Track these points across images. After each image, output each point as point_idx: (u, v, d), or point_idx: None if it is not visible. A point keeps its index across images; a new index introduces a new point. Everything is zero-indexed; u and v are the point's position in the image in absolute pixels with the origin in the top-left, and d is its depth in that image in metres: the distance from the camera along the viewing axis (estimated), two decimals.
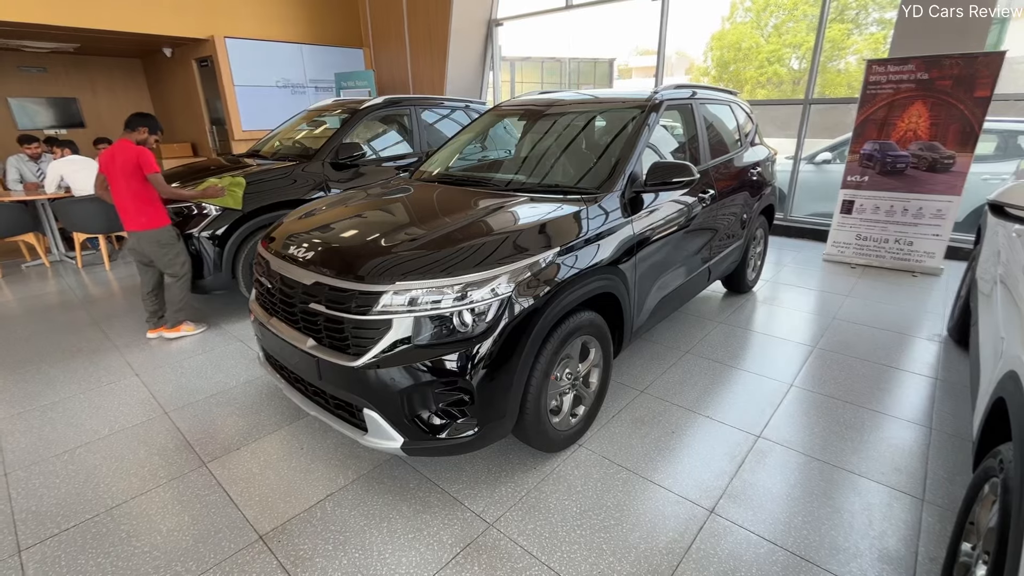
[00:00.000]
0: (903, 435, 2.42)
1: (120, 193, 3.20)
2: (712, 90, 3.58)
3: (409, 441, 1.88)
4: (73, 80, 9.60)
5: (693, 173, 2.40)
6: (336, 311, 1.88)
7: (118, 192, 3.20)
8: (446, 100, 5.22)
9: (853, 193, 4.85)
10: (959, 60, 4.10)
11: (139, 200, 3.21)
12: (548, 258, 1.99)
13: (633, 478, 2.16)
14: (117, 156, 3.14)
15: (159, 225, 3.30)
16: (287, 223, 2.46)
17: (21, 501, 2.08)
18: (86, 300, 4.40)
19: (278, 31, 8.28)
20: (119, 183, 3.18)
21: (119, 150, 3.14)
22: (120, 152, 3.13)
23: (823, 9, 5.45)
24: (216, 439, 2.45)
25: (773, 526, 1.90)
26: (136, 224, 3.24)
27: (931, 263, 4.62)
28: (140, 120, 3.25)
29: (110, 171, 3.18)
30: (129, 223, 3.25)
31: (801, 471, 2.19)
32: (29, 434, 2.52)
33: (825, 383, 2.88)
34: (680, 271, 2.94)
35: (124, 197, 3.20)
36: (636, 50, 23.04)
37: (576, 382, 2.29)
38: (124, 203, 3.22)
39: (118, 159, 3.13)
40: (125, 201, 3.21)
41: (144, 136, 3.27)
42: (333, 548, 1.83)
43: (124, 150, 3.14)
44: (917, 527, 1.89)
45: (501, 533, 1.89)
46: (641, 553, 1.79)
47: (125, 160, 3.12)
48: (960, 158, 4.29)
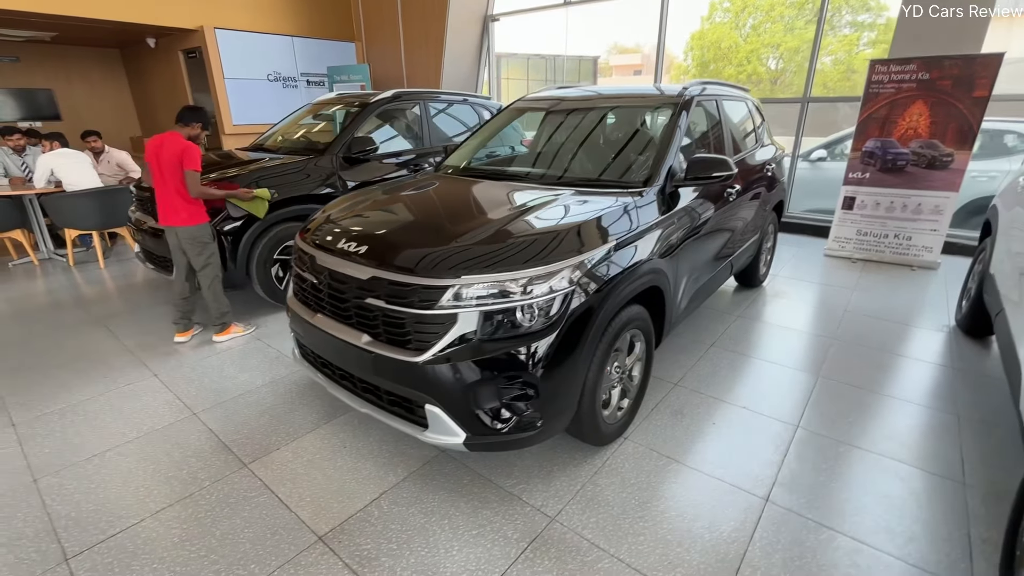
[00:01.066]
0: (932, 422, 2.51)
1: (163, 186, 3.05)
2: (730, 87, 3.64)
3: (472, 436, 1.86)
4: (48, 70, 9.19)
5: (731, 168, 2.43)
6: (397, 306, 1.85)
7: (161, 183, 3.05)
8: (454, 94, 5.17)
9: (854, 189, 4.99)
10: (959, 61, 4.25)
11: (183, 195, 3.07)
12: (607, 251, 1.99)
13: (684, 469, 2.19)
14: (165, 148, 2.99)
15: (200, 222, 3.17)
16: (328, 217, 2.40)
17: (57, 507, 1.99)
18: (83, 299, 4.22)
19: (269, 23, 8.07)
20: (162, 176, 3.03)
21: (168, 142, 3.00)
22: (169, 144, 3.00)
23: (822, 10, 5.57)
24: (253, 440, 2.38)
25: (828, 512, 1.95)
26: (178, 219, 3.10)
27: (929, 257, 4.78)
28: (193, 115, 3.13)
29: (154, 161, 3.03)
30: (171, 218, 3.10)
31: (844, 459, 2.25)
32: (51, 438, 2.41)
33: (849, 373, 2.96)
34: (710, 264, 2.99)
35: (168, 191, 3.05)
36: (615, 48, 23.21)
37: (623, 375, 2.30)
38: (167, 197, 3.07)
39: (165, 151, 2.99)
40: (168, 195, 3.06)
41: (197, 131, 3.15)
42: (397, 547, 1.81)
43: (173, 143, 3.00)
44: (964, 510, 1.96)
45: (565, 527, 1.89)
46: (707, 543, 1.82)
47: (172, 153, 2.99)
48: (959, 156, 4.46)
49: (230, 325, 3.44)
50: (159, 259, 3.84)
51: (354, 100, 4.59)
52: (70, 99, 9.51)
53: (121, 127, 10.05)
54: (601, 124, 3.04)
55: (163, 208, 3.12)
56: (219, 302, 3.35)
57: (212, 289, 3.31)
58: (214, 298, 3.33)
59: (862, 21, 16.11)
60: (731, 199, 3.07)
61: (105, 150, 5.56)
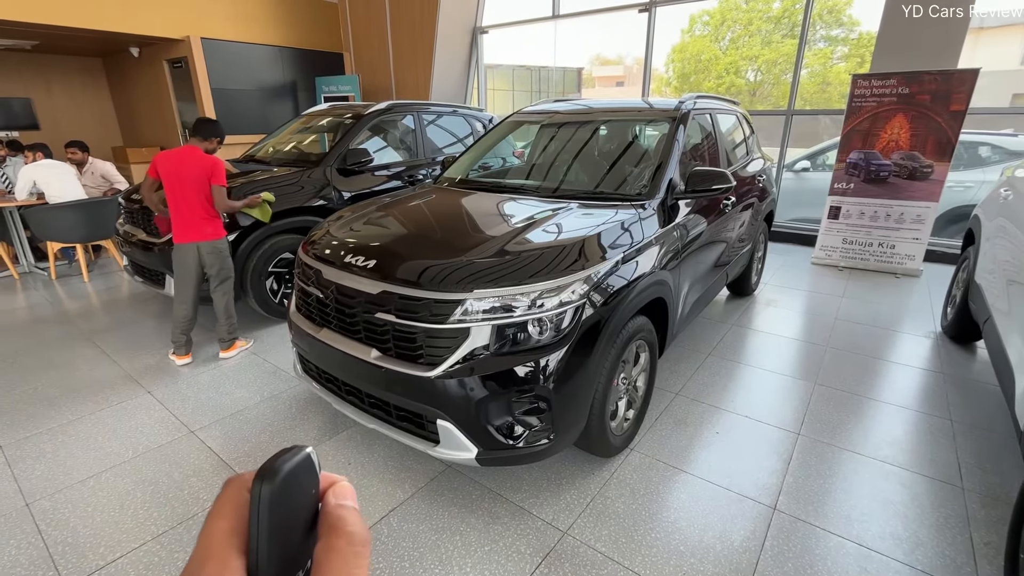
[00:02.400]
0: (928, 427, 2.57)
1: (186, 201, 2.95)
2: (721, 100, 3.72)
3: (484, 451, 1.85)
4: (27, 79, 8.97)
5: (730, 180, 2.48)
6: (408, 320, 1.84)
7: (183, 199, 2.95)
8: (446, 106, 5.19)
9: (840, 199, 5.12)
10: (937, 76, 4.42)
11: (208, 210, 3.00)
12: (614, 264, 2.01)
13: (691, 479, 2.20)
14: (187, 163, 2.91)
15: (222, 236, 3.11)
16: (332, 230, 2.38)
17: (53, 533, 1.92)
18: (69, 314, 4.11)
19: (256, 33, 8.02)
20: (186, 191, 2.93)
21: (190, 157, 2.92)
22: (191, 160, 2.91)
23: (804, 25, 5.75)
24: (254, 457, 2.33)
25: (835, 519, 1.98)
26: (202, 235, 3.02)
27: (911, 265, 4.92)
28: (212, 128, 3.07)
29: (173, 177, 2.92)
30: (193, 234, 3.00)
31: (846, 465, 2.29)
32: (42, 460, 2.33)
33: (845, 380, 3.02)
34: (709, 274, 3.03)
35: (191, 206, 2.96)
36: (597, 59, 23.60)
37: (629, 386, 2.32)
38: (190, 211, 2.97)
39: (188, 167, 2.91)
40: (192, 209, 2.96)
41: (215, 146, 3.10)
42: (410, 564, 1.78)
43: (198, 159, 2.93)
44: (964, 514, 2.01)
45: (578, 540, 1.89)
46: (719, 553, 1.83)
47: (199, 169, 2.92)
48: (938, 167, 4.61)
49: (236, 340, 3.37)
50: (149, 272, 3.76)
51: (347, 111, 4.58)
52: (49, 108, 9.29)
53: (103, 137, 9.85)
54: (599, 137, 3.08)
55: (184, 225, 3.00)
56: (231, 318, 3.28)
57: (227, 305, 3.25)
58: (227, 315, 3.26)
59: (835, 35, 16.61)
60: (727, 210, 3.13)
61: (89, 161, 5.44)
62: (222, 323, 3.27)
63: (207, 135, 3.07)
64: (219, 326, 3.28)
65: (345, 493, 0.35)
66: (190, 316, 3.19)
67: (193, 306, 3.19)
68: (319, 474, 0.35)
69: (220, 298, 3.22)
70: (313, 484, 0.34)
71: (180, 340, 3.22)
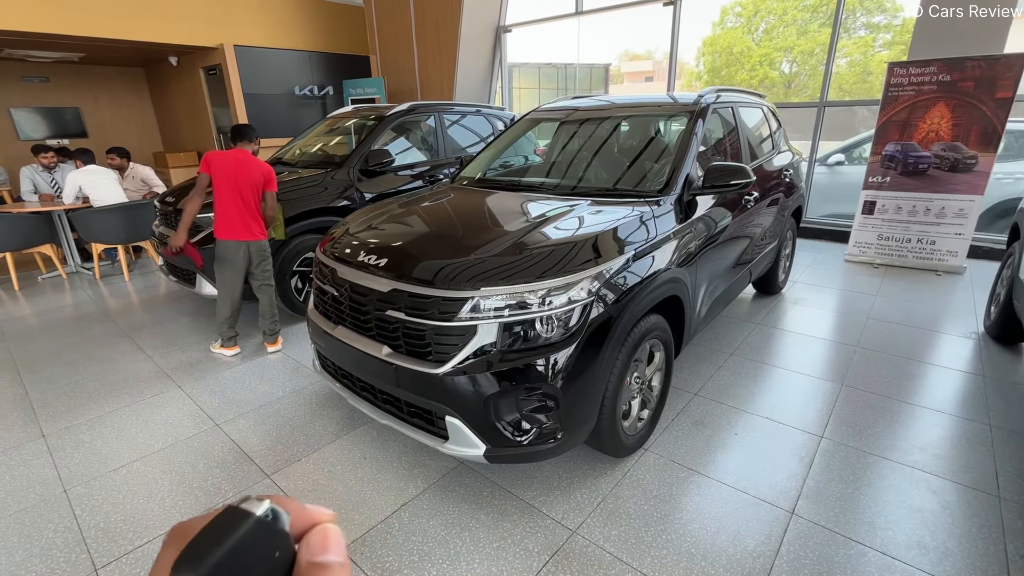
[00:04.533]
0: (964, 433, 2.44)
1: (242, 200, 3.08)
2: (745, 93, 3.62)
3: (492, 448, 1.86)
4: (76, 90, 9.49)
5: (749, 175, 2.41)
6: (417, 318, 1.86)
7: (233, 199, 3.06)
8: (467, 106, 5.22)
9: (875, 194, 4.90)
10: (981, 62, 4.18)
11: (256, 211, 3.16)
12: (625, 262, 1.99)
13: (706, 481, 2.16)
14: (241, 165, 3.05)
15: (266, 235, 3.27)
16: (348, 230, 2.44)
17: (87, 518, 2.03)
18: (110, 311, 4.33)
19: (286, 39, 8.25)
20: (243, 191, 3.06)
21: (244, 160, 3.06)
22: (246, 163, 3.06)
23: (837, 13, 5.53)
24: (275, 451, 2.41)
25: (857, 526, 1.90)
26: (251, 234, 3.16)
27: (954, 262, 4.67)
28: (254, 131, 3.24)
29: (231, 177, 3.04)
30: (244, 232, 3.13)
31: (872, 470, 2.19)
32: (81, 449, 2.47)
33: (875, 382, 2.90)
34: (729, 272, 2.96)
35: (241, 206, 3.09)
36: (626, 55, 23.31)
37: (643, 386, 2.29)
38: (241, 211, 3.09)
39: (244, 169, 3.05)
40: (242, 210, 3.09)
41: (258, 146, 3.29)
42: (419, 559, 1.81)
43: (256, 164, 3.09)
44: (1000, 524, 1.90)
45: (587, 540, 1.87)
46: (732, 557, 1.78)
47: (255, 173, 3.08)
48: (983, 158, 4.36)
49: (279, 336, 3.50)
50: (182, 272, 3.92)
51: (370, 113, 4.66)
52: (96, 117, 9.81)
53: (144, 143, 10.33)
54: (616, 133, 3.04)
55: (235, 224, 3.11)
56: (276, 314, 3.44)
57: (273, 302, 3.40)
58: (272, 310, 3.41)
59: (877, 23, 15.88)
60: (749, 206, 3.04)
61: (130, 166, 5.71)
62: (269, 319, 3.40)
63: (252, 137, 3.22)
64: (265, 321, 3.41)
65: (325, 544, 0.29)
66: (234, 311, 3.32)
67: (237, 301, 3.30)
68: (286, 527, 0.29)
69: (268, 295, 3.37)
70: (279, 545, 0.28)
71: (229, 334, 3.38)
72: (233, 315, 3.34)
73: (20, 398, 2.94)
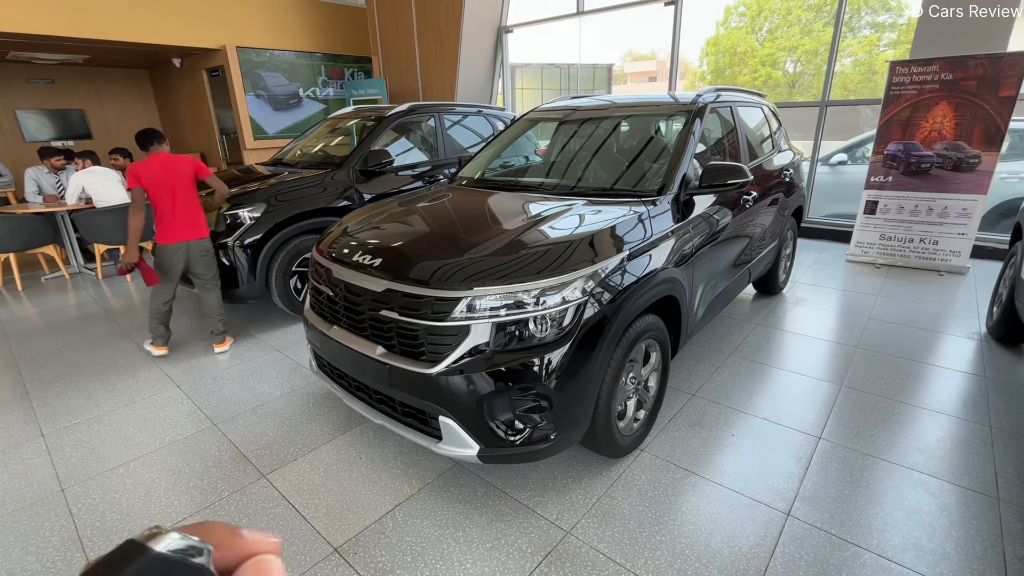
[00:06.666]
0: (964, 434, 2.42)
1: (177, 203, 3.14)
2: (745, 93, 3.60)
3: (485, 448, 1.85)
4: (80, 91, 9.56)
5: (746, 174, 2.40)
6: (411, 318, 1.86)
7: (174, 202, 3.13)
8: (468, 106, 5.23)
9: (877, 194, 4.87)
10: (984, 61, 4.14)
11: (195, 209, 3.21)
12: (620, 261, 1.98)
13: (702, 482, 2.14)
14: (170, 168, 3.09)
15: (208, 233, 3.30)
16: (344, 230, 2.44)
17: (83, 517, 2.04)
18: (112, 311, 4.35)
19: (288, 40, 8.28)
20: (177, 193, 3.12)
21: (169, 161, 3.11)
22: (172, 164, 3.11)
23: (839, 12, 5.49)
24: (271, 450, 2.41)
25: (853, 528, 1.89)
26: (195, 232, 3.21)
27: (957, 262, 4.64)
28: (160, 133, 3.27)
29: (160, 181, 3.09)
30: (186, 232, 3.19)
31: (870, 472, 2.18)
32: (79, 448, 2.48)
33: (875, 382, 2.87)
34: (727, 272, 2.94)
35: (182, 207, 3.15)
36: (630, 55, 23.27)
37: (639, 386, 2.28)
38: (182, 212, 3.16)
39: (173, 170, 3.10)
40: (184, 210, 3.16)
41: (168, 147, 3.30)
42: (412, 559, 1.80)
43: (177, 161, 3.12)
44: (998, 527, 1.88)
45: (580, 540, 1.87)
46: (726, 559, 1.77)
47: (183, 170, 3.12)
48: (986, 157, 4.33)
49: (227, 336, 3.54)
50: None
51: (370, 114, 4.67)
52: (101, 118, 9.87)
53: None
54: (614, 133, 3.04)
55: (180, 225, 3.18)
56: (223, 314, 3.46)
57: (218, 302, 3.42)
58: (219, 311, 3.43)
59: (882, 22, 15.76)
60: (748, 206, 3.03)
61: None
62: (214, 319, 3.43)
63: (162, 140, 3.25)
64: (211, 321, 3.44)
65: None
66: (165, 310, 3.39)
67: (169, 302, 3.39)
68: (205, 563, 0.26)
69: (212, 294, 3.40)
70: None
71: (161, 331, 3.42)
72: (166, 315, 3.40)
73: (20, 397, 2.96)
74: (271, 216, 3.63)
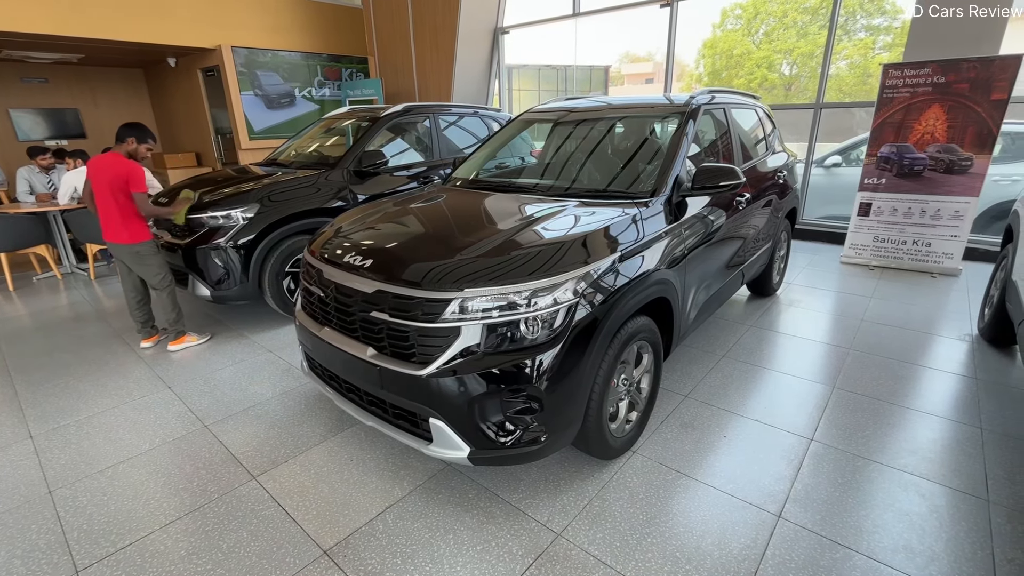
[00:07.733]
0: (954, 436, 2.42)
1: (106, 205, 3.17)
2: (739, 95, 3.61)
3: (476, 450, 1.84)
4: (74, 91, 9.51)
5: (739, 176, 2.40)
6: (401, 319, 1.85)
7: (104, 203, 3.17)
8: (463, 107, 5.22)
9: (870, 196, 4.89)
10: (976, 64, 4.17)
11: (124, 214, 3.19)
12: (611, 263, 1.98)
13: (693, 484, 2.14)
14: (106, 168, 3.10)
15: (140, 240, 3.28)
16: (336, 231, 2.43)
17: (70, 519, 2.02)
18: (103, 312, 4.32)
19: (284, 40, 8.26)
20: (105, 195, 3.14)
21: (110, 163, 3.11)
22: (111, 165, 3.10)
23: (833, 16, 5.52)
24: (262, 452, 2.40)
25: (844, 530, 1.89)
26: (119, 237, 3.23)
27: (950, 264, 4.66)
28: (127, 131, 3.20)
29: (96, 180, 3.14)
30: (111, 235, 3.24)
31: (861, 474, 2.18)
32: (68, 450, 2.46)
33: (867, 384, 2.88)
34: (720, 274, 2.95)
35: (110, 210, 3.17)
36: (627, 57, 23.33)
37: (631, 388, 2.27)
38: (109, 215, 3.19)
39: (108, 171, 3.10)
40: (111, 213, 3.18)
41: (133, 147, 3.20)
42: (402, 562, 1.80)
43: (115, 164, 3.11)
44: (988, 528, 1.89)
45: (571, 543, 1.86)
46: (717, 561, 1.77)
47: (116, 174, 3.10)
48: (978, 160, 4.35)
49: (184, 334, 3.54)
50: (176, 273, 3.91)
51: (365, 114, 4.66)
52: (95, 118, 9.83)
53: None
54: (608, 135, 3.04)
55: (113, 226, 3.22)
56: (175, 314, 3.47)
57: (168, 302, 3.44)
58: (171, 309, 3.46)
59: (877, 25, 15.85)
60: (741, 207, 3.03)
61: None
62: (165, 316, 3.45)
63: (122, 138, 3.20)
64: (163, 318, 3.48)
65: None
66: (136, 301, 3.44)
67: (134, 294, 3.45)
68: None
69: (161, 294, 3.42)
70: None
71: (138, 326, 3.49)
72: (138, 308, 3.46)
73: (9, 399, 2.93)
74: (264, 216, 3.62)
